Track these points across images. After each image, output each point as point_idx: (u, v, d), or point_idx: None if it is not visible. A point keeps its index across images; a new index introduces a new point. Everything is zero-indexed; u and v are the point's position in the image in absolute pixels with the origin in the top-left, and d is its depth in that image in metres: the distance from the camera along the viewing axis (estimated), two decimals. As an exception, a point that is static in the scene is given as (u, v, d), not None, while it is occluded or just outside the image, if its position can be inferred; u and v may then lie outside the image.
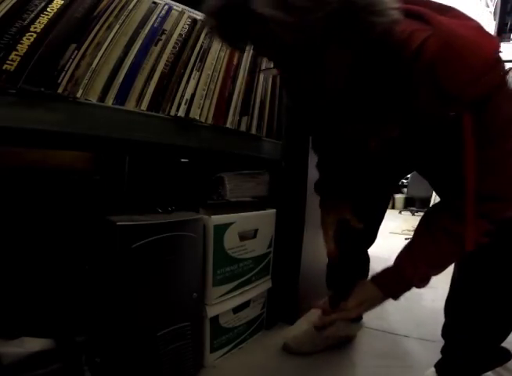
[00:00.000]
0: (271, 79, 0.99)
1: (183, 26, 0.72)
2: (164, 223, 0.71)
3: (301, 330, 0.96)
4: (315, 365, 0.89)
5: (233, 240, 0.88)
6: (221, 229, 0.84)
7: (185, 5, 0.75)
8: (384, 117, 0.58)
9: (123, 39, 0.62)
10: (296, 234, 1.09)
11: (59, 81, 0.52)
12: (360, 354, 0.96)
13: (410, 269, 0.64)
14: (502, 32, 2.34)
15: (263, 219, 0.98)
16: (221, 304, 0.87)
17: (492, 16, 2.50)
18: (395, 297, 0.67)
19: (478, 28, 0.52)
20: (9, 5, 0.49)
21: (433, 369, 0.80)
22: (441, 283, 1.60)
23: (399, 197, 5.70)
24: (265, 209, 1.02)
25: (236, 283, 0.90)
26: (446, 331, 0.79)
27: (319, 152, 0.88)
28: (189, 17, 0.74)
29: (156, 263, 0.69)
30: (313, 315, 1.00)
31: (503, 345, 0.72)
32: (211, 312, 0.84)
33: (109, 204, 0.84)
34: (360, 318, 1.07)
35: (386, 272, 0.68)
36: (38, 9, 0.51)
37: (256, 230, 0.96)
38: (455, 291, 0.76)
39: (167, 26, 0.69)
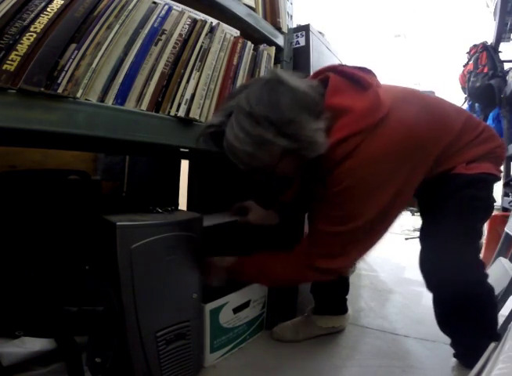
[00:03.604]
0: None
1: (183, 26, 0.72)
2: (164, 223, 0.71)
3: (291, 321, 1.06)
4: (315, 365, 0.89)
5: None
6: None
7: (185, 5, 0.75)
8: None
9: (123, 39, 0.62)
10: (296, 234, 1.09)
11: (59, 81, 0.52)
12: (360, 354, 0.96)
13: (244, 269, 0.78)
14: (502, 32, 2.33)
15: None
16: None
17: (492, 16, 2.50)
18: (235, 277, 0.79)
19: (348, 112, 0.66)
20: (9, 5, 0.49)
21: (455, 359, 0.83)
22: (441, 283, 1.59)
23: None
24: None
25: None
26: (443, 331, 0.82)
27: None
28: (189, 17, 0.74)
29: (156, 263, 0.69)
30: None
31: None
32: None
33: (109, 204, 0.84)
34: (345, 310, 1.08)
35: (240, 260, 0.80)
36: (38, 9, 0.51)
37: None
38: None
39: (167, 26, 0.69)
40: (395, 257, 2.19)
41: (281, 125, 0.59)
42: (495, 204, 0.80)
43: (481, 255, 1.19)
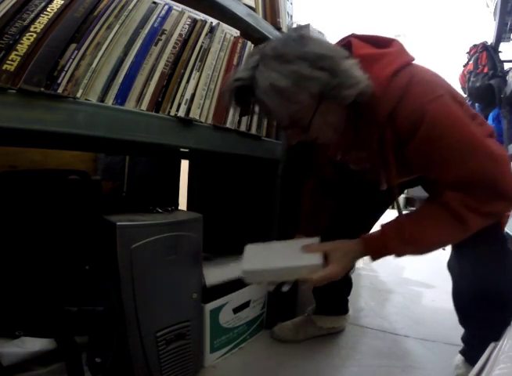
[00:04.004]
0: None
1: (183, 26, 0.72)
2: (164, 223, 0.71)
3: (292, 320, 1.05)
4: (315, 365, 0.89)
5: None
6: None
7: (185, 5, 0.75)
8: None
9: (123, 39, 0.61)
10: (295, 233, 1.09)
11: (59, 81, 0.52)
12: (360, 354, 0.96)
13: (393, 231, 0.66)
14: (502, 32, 2.33)
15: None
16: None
17: (492, 16, 2.50)
18: (372, 254, 0.68)
19: (387, 55, 0.64)
20: (9, 5, 0.49)
21: (461, 357, 0.81)
22: (440, 283, 1.61)
23: (399, 197, 5.73)
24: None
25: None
26: (460, 322, 0.81)
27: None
28: (189, 17, 0.74)
29: (156, 263, 0.69)
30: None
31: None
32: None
33: (109, 204, 0.84)
34: (346, 311, 1.08)
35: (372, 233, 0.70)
36: (38, 9, 0.51)
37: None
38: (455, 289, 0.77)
39: (167, 26, 0.69)
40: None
41: (315, 60, 0.56)
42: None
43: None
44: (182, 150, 1.17)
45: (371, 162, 0.73)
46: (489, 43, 2.38)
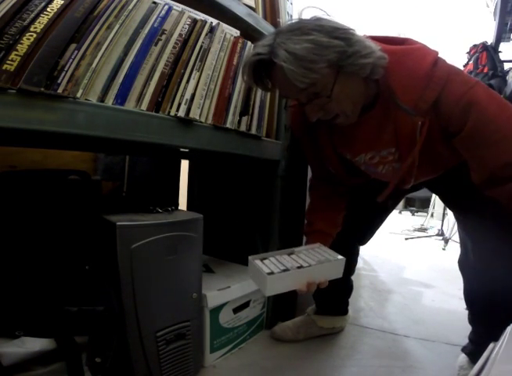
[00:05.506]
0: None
1: (183, 26, 0.72)
2: (164, 223, 0.71)
3: (292, 320, 1.05)
4: (315, 365, 0.89)
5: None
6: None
7: (185, 5, 0.75)
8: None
9: (123, 39, 0.61)
10: (295, 234, 1.09)
11: (59, 81, 0.52)
12: (360, 354, 0.96)
13: None
14: (502, 32, 2.34)
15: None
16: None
17: (492, 16, 2.50)
18: None
19: (417, 49, 0.66)
20: (9, 5, 0.49)
21: (465, 357, 0.81)
22: (440, 283, 1.61)
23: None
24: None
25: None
26: (471, 320, 0.81)
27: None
28: (189, 17, 0.74)
29: (156, 263, 0.69)
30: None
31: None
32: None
33: (109, 204, 0.84)
34: (346, 311, 1.08)
35: None
36: (38, 9, 0.51)
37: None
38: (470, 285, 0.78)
39: (167, 26, 0.69)
40: (395, 257, 2.19)
41: (330, 31, 0.59)
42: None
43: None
44: (182, 150, 1.17)
45: (396, 159, 0.72)
46: (489, 43, 2.38)
